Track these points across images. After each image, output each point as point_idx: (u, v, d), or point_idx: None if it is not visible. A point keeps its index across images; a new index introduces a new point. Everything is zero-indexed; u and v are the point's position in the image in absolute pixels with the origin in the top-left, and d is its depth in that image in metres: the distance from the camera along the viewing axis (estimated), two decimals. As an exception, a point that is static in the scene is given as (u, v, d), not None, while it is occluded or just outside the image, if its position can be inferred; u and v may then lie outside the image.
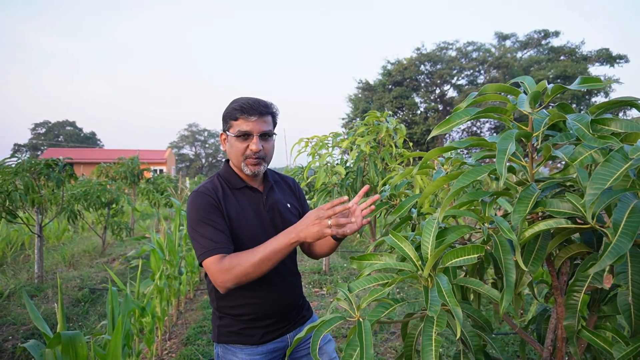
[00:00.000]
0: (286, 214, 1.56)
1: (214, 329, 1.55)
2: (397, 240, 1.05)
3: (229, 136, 1.47)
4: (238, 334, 1.48)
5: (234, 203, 1.47)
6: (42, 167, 4.31)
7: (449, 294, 0.83)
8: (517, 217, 0.90)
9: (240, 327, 1.48)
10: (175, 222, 3.77)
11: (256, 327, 1.48)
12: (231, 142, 1.47)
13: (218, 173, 1.56)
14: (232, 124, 1.45)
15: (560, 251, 1.04)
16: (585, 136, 0.89)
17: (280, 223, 1.52)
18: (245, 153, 1.45)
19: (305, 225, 1.26)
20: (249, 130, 1.43)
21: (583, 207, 0.84)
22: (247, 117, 1.42)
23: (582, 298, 0.98)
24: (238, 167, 1.50)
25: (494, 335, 3.52)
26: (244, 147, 1.45)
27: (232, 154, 1.48)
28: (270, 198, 1.55)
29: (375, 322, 0.88)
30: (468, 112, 1.06)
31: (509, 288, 0.86)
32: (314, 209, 1.29)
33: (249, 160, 1.46)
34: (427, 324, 0.87)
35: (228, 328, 1.49)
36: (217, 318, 1.52)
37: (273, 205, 1.54)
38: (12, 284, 4.86)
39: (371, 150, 2.83)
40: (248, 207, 1.49)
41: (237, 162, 1.49)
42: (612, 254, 0.73)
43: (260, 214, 1.50)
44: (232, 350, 1.48)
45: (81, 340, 1.29)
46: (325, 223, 1.23)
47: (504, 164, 0.85)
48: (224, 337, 1.49)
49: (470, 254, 0.91)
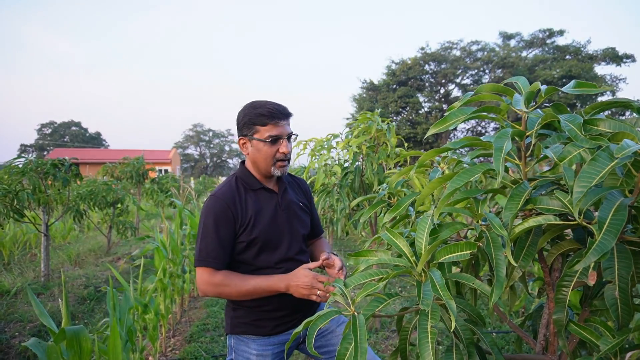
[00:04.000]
0: (300, 213, 1.64)
1: (227, 320, 1.60)
2: (393, 236, 1.07)
3: (253, 141, 1.51)
4: (251, 324, 1.54)
5: (252, 203, 1.53)
6: (49, 167, 4.38)
7: (443, 288, 0.86)
8: (508, 213, 0.92)
9: (254, 319, 1.53)
10: (177, 221, 3.81)
11: (269, 318, 1.54)
12: (258, 147, 1.50)
13: (235, 175, 1.60)
14: (259, 129, 1.48)
15: (552, 247, 1.06)
16: (577, 136, 0.91)
17: (295, 222, 1.61)
18: (275, 156, 1.51)
19: (297, 284, 1.39)
20: (279, 134, 1.48)
21: (571, 205, 0.87)
22: (276, 122, 1.47)
23: (574, 293, 1.00)
24: (266, 171, 1.55)
25: (496, 333, 3.53)
26: (274, 150, 1.50)
27: (260, 158, 1.52)
28: (285, 198, 1.61)
29: (370, 317, 0.91)
30: (463, 111, 1.09)
31: (499, 283, 0.89)
32: (310, 272, 1.41)
33: (279, 163, 1.53)
34: (422, 317, 0.89)
35: (242, 319, 1.54)
36: (231, 310, 1.58)
37: (288, 205, 1.61)
38: (19, 282, 4.92)
39: (368, 150, 2.86)
40: (266, 207, 1.55)
41: (265, 166, 1.53)
42: (596, 251, 0.76)
43: (277, 213, 1.57)
44: (245, 340, 1.54)
45: (85, 335, 1.33)
46: (314, 292, 1.38)
47: (501, 161, 0.88)
48: (237, 328, 1.55)
49: (463, 250, 0.93)
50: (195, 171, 53.20)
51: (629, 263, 0.85)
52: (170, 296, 3.60)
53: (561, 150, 0.93)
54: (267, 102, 1.51)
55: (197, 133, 56.40)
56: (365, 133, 2.82)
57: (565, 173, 0.85)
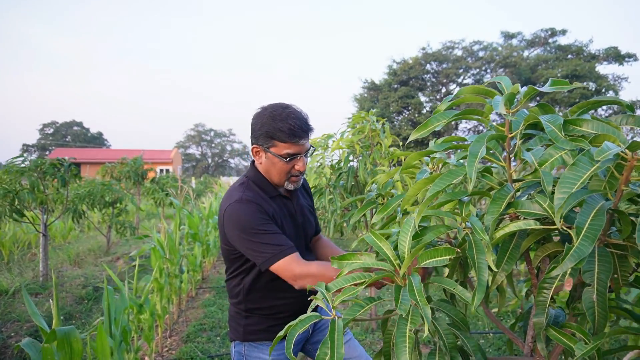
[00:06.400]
0: (309, 216, 1.63)
1: (236, 328, 1.53)
2: (376, 239, 1.07)
3: (268, 153, 1.42)
4: (266, 331, 1.49)
5: (274, 211, 1.46)
6: (48, 166, 4.39)
7: (420, 293, 0.85)
8: (489, 217, 0.92)
9: (269, 325, 1.49)
10: (176, 222, 3.82)
11: (285, 323, 1.51)
12: (273, 161, 1.43)
13: (249, 179, 1.50)
14: (278, 144, 1.39)
15: (537, 250, 1.06)
16: (557, 138, 0.91)
17: (307, 226, 1.59)
18: (290, 172, 1.45)
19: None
20: (297, 152, 1.41)
21: (551, 209, 0.86)
22: (297, 140, 1.39)
23: (565, 294, 0.99)
24: (279, 183, 1.48)
25: (491, 334, 3.53)
26: (290, 167, 1.44)
27: (274, 172, 1.45)
28: (299, 204, 1.59)
29: (349, 321, 0.90)
30: (446, 114, 1.08)
31: (480, 287, 0.88)
32: None
33: (293, 179, 1.47)
34: (401, 321, 0.89)
35: (256, 326, 1.50)
36: (242, 317, 1.51)
37: (302, 211, 1.59)
38: (18, 281, 4.94)
39: (361, 150, 2.86)
40: (284, 214, 1.50)
41: (278, 180, 1.46)
42: (573, 257, 0.75)
43: (295, 220, 1.54)
44: (260, 347, 1.50)
45: (76, 335, 1.33)
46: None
47: (474, 167, 0.87)
48: (251, 336, 1.50)
49: (443, 256, 0.93)
50: (196, 171, 53.24)
51: (609, 267, 0.85)
52: (167, 296, 3.61)
53: (541, 153, 0.93)
54: (289, 115, 1.39)
55: (199, 133, 56.43)
56: (359, 133, 2.82)
57: (544, 178, 0.85)
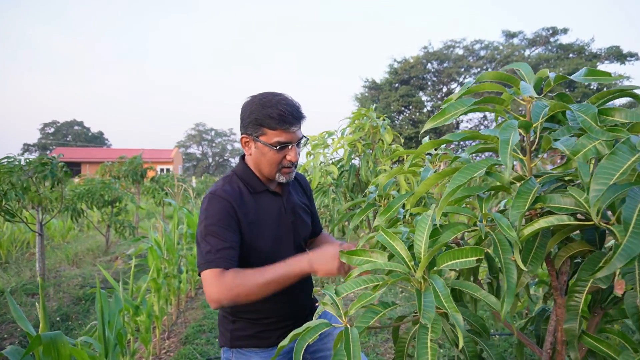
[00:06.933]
0: (304, 216, 1.52)
1: (223, 333, 1.46)
2: (389, 238, 0.98)
3: (258, 143, 1.34)
4: (254, 337, 1.41)
5: (253, 207, 1.37)
6: (38, 165, 4.30)
7: (447, 299, 0.76)
8: (515, 213, 0.83)
9: (257, 330, 1.41)
10: (174, 221, 3.73)
11: (274, 329, 1.42)
12: (263, 151, 1.35)
13: (235, 173, 1.44)
14: (267, 132, 1.32)
15: (560, 250, 0.97)
16: (591, 128, 0.82)
17: (299, 226, 1.48)
18: (282, 163, 1.36)
19: (324, 260, 1.22)
20: (288, 140, 1.33)
21: (587, 203, 0.77)
22: (287, 127, 1.31)
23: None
24: (269, 175, 1.40)
25: (498, 336, 3.44)
26: (281, 157, 1.35)
27: (264, 162, 1.37)
28: (290, 201, 1.48)
29: (364, 330, 0.82)
30: (463, 102, 1.00)
31: (510, 291, 0.80)
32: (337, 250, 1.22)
33: (284, 170, 1.38)
34: (422, 330, 0.80)
35: (243, 332, 1.42)
36: (229, 322, 1.44)
37: (293, 208, 1.48)
38: (14, 282, 4.86)
39: (363, 148, 2.77)
40: (269, 212, 1.41)
41: (269, 171, 1.38)
42: (622, 256, 0.66)
43: (282, 218, 1.44)
44: (247, 354, 1.42)
45: (63, 340, 1.24)
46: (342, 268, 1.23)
47: (508, 154, 0.79)
48: (238, 342, 1.42)
49: (469, 256, 0.84)
50: (197, 170, 53.22)
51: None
52: (165, 297, 3.52)
53: (574, 143, 0.84)
54: (279, 102, 1.32)
55: (200, 132, 56.39)
56: (359, 130, 2.73)
57: (580, 169, 0.76)
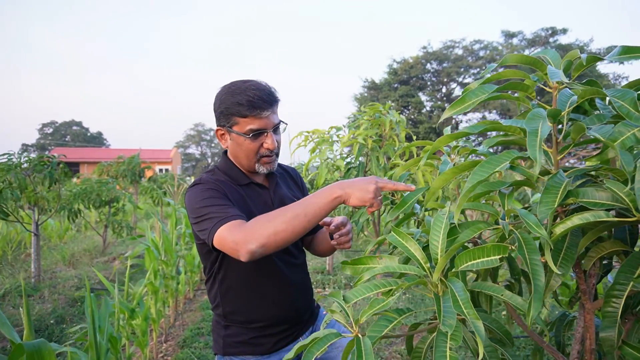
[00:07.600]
0: None
1: (217, 340, 1.36)
2: (401, 238, 0.90)
3: (232, 134, 1.27)
4: (247, 343, 1.32)
5: (239, 200, 1.29)
6: (36, 164, 4.21)
7: (467, 304, 0.68)
8: (545, 209, 0.75)
9: (251, 337, 1.31)
10: (172, 221, 3.64)
11: (268, 334, 1.32)
12: (238, 141, 1.27)
13: (218, 168, 1.37)
14: (238, 121, 1.24)
15: (590, 250, 0.89)
16: (630, 114, 0.74)
17: None
18: (259, 152, 1.28)
19: (358, 185, 1.06)
20: (262, 127, 1.24)
21: (628, 197, 0.69)
22: (258, 113, 1.22)
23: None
24: (248, 167, 1.32)
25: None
26: (258, 145, 1.27)
27: (242, 154, 1.29)
28: (277, 194, 1.39)
29: (377, 340, 0.73)
30: (484, 89, 0.91)
31: (537, 294, 0.71)
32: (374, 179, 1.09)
33: (264, 159, 1.29)
34: (440, 337, 0.72)
35: (236, 338, 1.32)
36: (221, 327, 1.34)
37: (282, 201, 1.38)
38: (8, 283, 4.76)
39: (373, 144, 2.68)
40: (256, 205, 1.32)
41: (248, 163, 1.30)
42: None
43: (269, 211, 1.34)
44: None
45: (48, 349, 1.15)
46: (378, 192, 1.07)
47: (538, 147, 0.70)
48: (231, 349, 1.32)
49: (491, 255, 0.75)
50: (196, 170, 53.10)
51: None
52: (163, 299, 3.43)
53: (610, 130, 0.76)
54: (247, 88, 1.24)
55: (198, 132, 56.29)
56: (373, 126, 2.64)
57: (622, 157, 0.68)
